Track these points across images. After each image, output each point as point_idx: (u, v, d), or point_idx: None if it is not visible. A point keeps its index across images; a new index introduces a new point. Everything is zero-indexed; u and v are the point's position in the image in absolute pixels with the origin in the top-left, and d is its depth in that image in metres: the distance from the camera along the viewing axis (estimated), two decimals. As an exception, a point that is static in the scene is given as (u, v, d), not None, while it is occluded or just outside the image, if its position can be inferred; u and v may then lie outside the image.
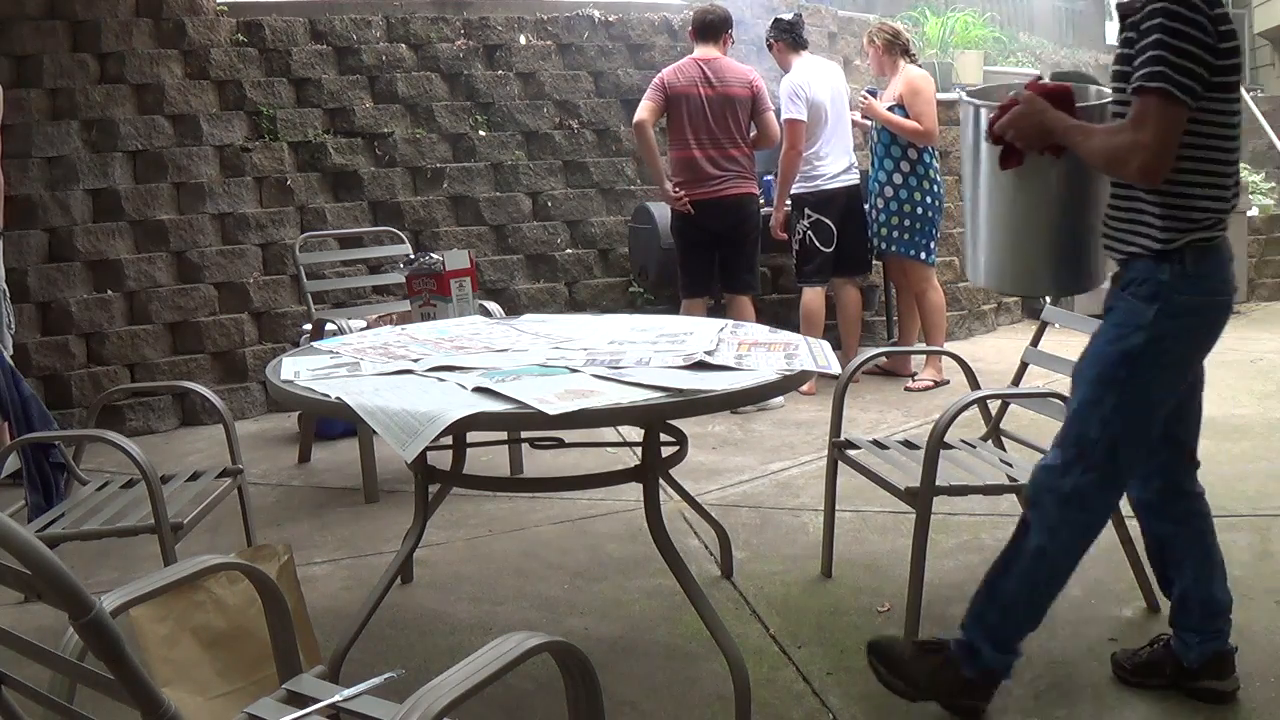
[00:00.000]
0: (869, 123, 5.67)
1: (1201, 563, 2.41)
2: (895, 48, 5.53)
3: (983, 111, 2.35)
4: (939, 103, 5.58)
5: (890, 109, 5.38)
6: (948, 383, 5.51)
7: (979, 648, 2.30)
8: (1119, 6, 2.24)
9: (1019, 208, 2.39)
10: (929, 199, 5.47)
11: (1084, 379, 2.27)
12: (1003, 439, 3.25)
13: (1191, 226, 2.15)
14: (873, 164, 5.64)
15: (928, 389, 5.48)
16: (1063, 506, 2.26)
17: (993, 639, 2.30)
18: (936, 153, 5.59)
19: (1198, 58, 2.05)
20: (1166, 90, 2.04)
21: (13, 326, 4.49)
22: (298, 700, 1.66)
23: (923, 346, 5.66)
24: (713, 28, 5.17)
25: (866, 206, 5.63)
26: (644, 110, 5.09)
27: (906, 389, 5.52)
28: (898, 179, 5.45)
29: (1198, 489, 2.46)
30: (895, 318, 6.21)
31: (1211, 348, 2.29)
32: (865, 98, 5.56)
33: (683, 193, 5.08)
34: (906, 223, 5.46)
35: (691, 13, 5.53)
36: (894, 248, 5.52)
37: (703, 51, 5.16)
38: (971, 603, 2.36)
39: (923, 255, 5.54)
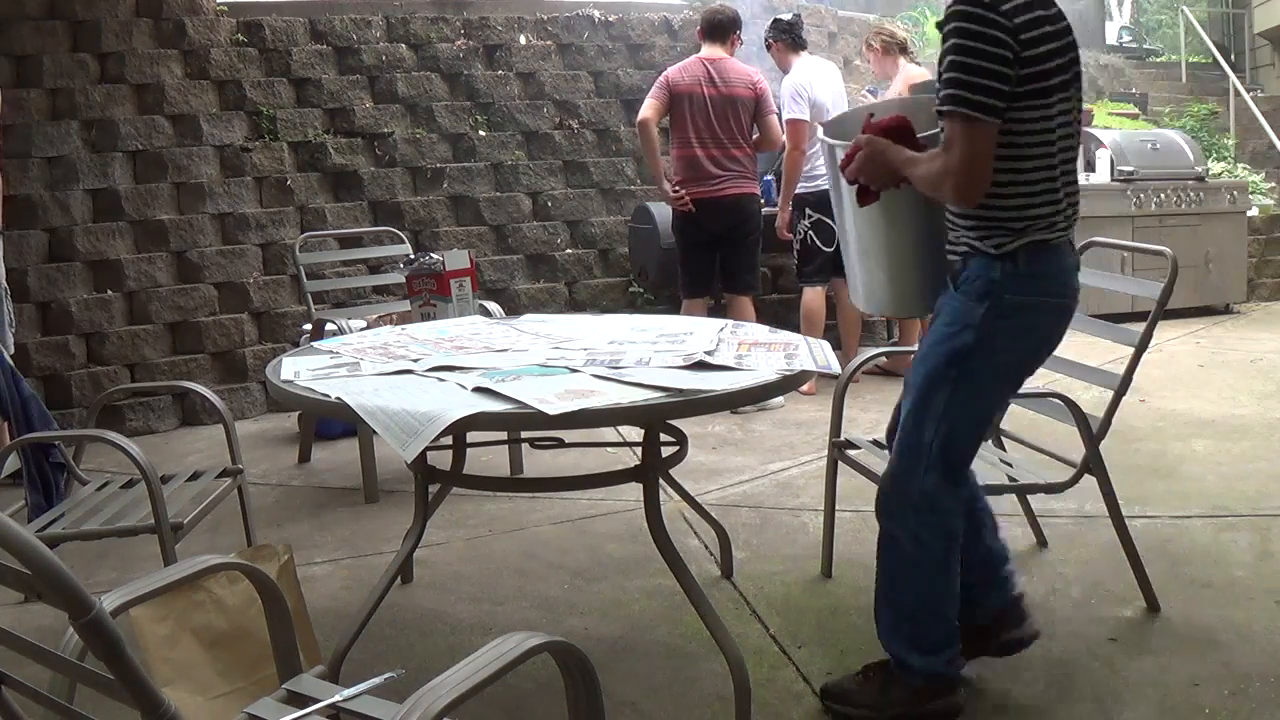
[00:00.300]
0: None
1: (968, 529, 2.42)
2: (893, 48, 5.55)
3: (838, 150, 2.37)
4: None
5: None
6: None
7: (908, 660, 2.31)
8: (937, 25, 2.23)
9: (888, 237, 2.44)
10: None
11: (914, 381, 2.28)
12: (1003, 439, 3.25)
13: (1024, 230, 2.15)
14: None
15: None
16: (916, 513, 2.26)
17: (916, 647, 2.31)
18: None
19: (995, 72, 2.03)
20: (963, 113, 2.04)
21: (13, 325, 4.50)
22: (298, 700, 1.66)
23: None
24: (721, 28, 5.19)
25: None
26: (647, 108, 5.10)
27: None
28: None
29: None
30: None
31: (1048, 352, 2.28)
32: (866, 97, 5.56)
33: (682, 192, 5.09)
34: None
35: (692, 12, 5.54)
36: None
37: (709, 51, 5.17)
38: (880, 622, 2.38)
39: None
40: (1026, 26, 2.05)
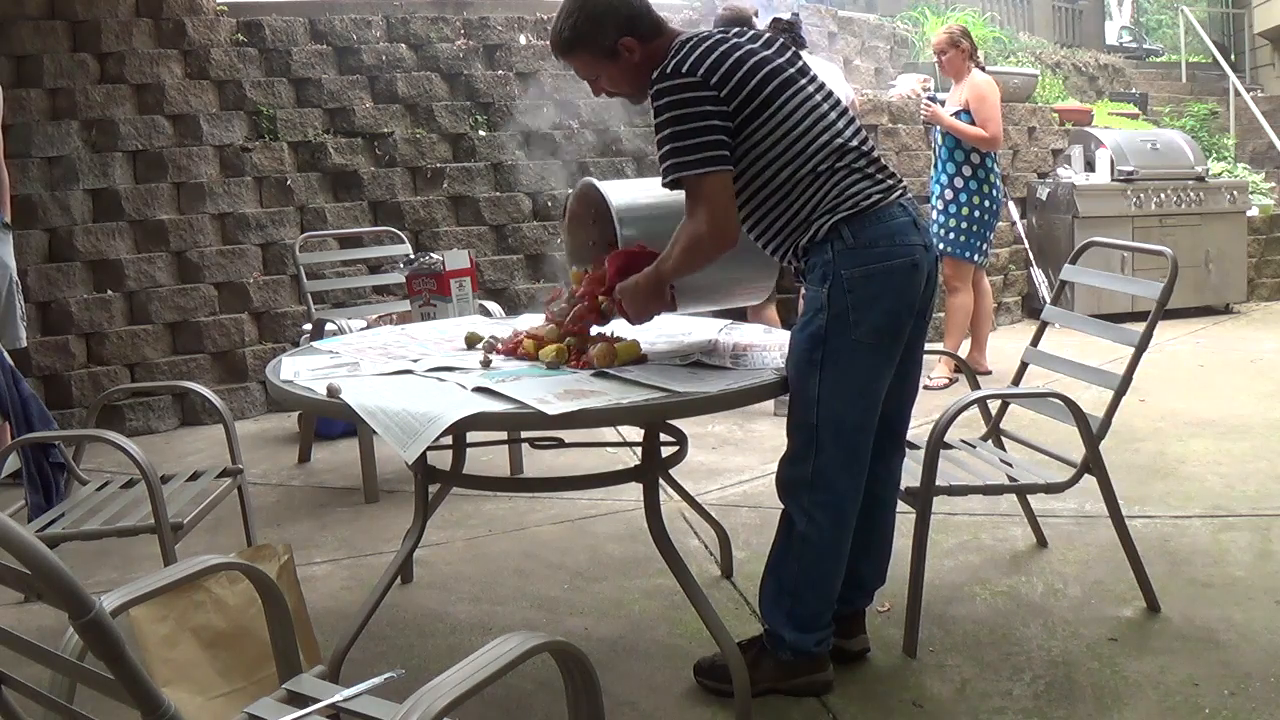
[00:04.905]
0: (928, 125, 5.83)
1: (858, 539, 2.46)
2: (975, 54, 5.63)
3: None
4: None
5: (955, 114, 5.45)
6: (957, 380, 5.52)
7: (781, 633, 2.39)
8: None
9: (714, 282, 2.55)
10: (986, 202, 5.57)
11: (789, 372, 2.34)
12: (1003, 439, 3.26)
13: (835, 207, 2.24)
14: (935, 166, 5.75)
15: (944, 387, 5.49)
16: (810, 492, 2.33)
17: (792, 622, 2.38)
18: (998, 156, 5.65)
19: (707, 126, 2.17)
20: (692, 175, 2.17)
21: (25, 319, 4.50)
22: (298, 700, 1.66)
23: (937, 347, 5.66)
24: (735, 26, 5.18)
25: (926, 207, 5.70)
26: None
27: (925, 386, 5.54)
28: (959, 183, 5.56)
29: (893, 476, 2.56)
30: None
31: (909, 310, 2.32)
32: (929, 105, 5.65)
33: None
34: (963, 225, 5.56)
35: (693, 12, 5.52)
36: (945, 248, 5.57)
37: None
38: (764, 593, 2.45)
39: (975, 257, 5.63)
40: (716, 70, 2.18)
